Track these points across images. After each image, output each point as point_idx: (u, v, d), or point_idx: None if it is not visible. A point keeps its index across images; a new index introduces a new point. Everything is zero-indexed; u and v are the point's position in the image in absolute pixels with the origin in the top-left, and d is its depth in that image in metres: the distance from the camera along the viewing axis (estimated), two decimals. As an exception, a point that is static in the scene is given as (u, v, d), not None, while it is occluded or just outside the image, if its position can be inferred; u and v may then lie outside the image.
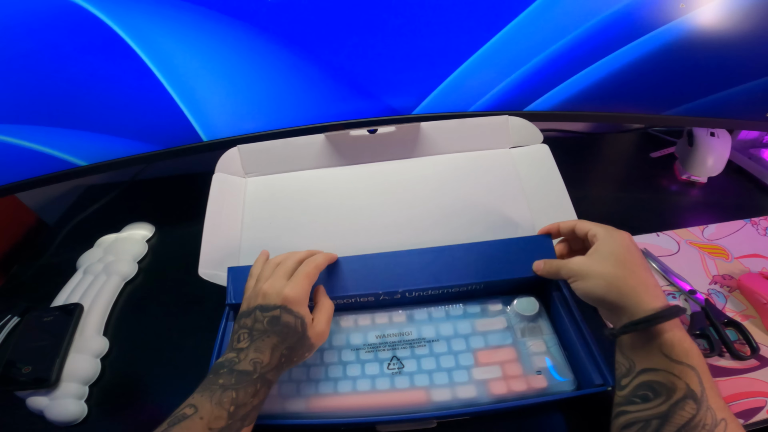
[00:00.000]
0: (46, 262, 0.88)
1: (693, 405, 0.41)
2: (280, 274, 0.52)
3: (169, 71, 0.68)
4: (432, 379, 0.56)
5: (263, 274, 0.54)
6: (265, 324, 0.49)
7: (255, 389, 0.46)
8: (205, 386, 0.46)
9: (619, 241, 0.50)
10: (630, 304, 0.46)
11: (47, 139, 0.72)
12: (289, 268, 0.53)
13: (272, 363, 0.48)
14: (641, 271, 0.48)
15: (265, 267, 0.55)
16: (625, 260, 0.49)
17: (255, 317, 0.50)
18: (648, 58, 0.68)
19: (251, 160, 0.74)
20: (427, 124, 0.72)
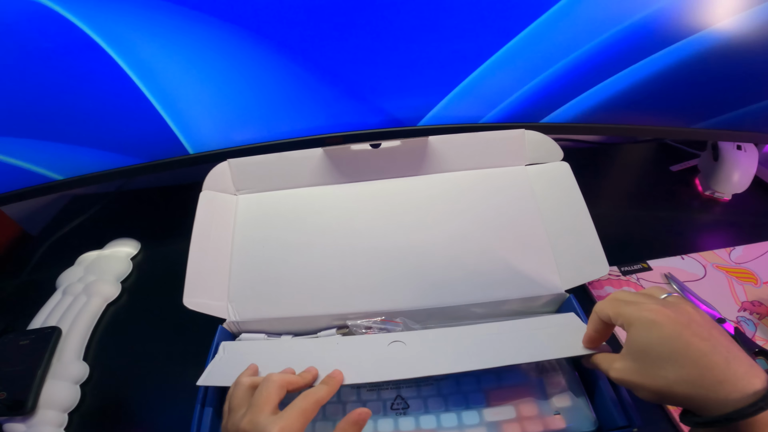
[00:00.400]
0: (25, 279, 0.85)
1: None
2: (260, 405, 0.42)
3: (149, 77, 0.64)
4: (440, 421, 0.52)
5: (235, 401, 0.45)
6: None
7: None
8: None
9: (660, 330, 0.38)
10: (712, 396, 0.35)
11: (19, 152, 0.70)
12: (270, 397, 0.43)
13: None
14: (712, 349, 0.36)
15: (235, 391, 0.46)
16: (676, 350, 0.37)
17: None
18: (674, 69, 0.65)
19: (243, 175, 0.69)
20: (435, 138, 0.68)
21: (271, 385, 0.44)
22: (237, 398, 0.45)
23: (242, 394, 0.45)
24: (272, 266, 0.64)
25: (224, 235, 0.66)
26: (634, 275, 0.71)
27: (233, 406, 0.45)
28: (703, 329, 0.37)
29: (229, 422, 0.44)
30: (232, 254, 0.65)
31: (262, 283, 0.63)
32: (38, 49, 0.59)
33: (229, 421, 0.44)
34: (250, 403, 0.43)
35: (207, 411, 0.52)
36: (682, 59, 0.64)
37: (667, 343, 0.37)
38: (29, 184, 0.74)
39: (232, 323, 0.61)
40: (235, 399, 0.45)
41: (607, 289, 0.69)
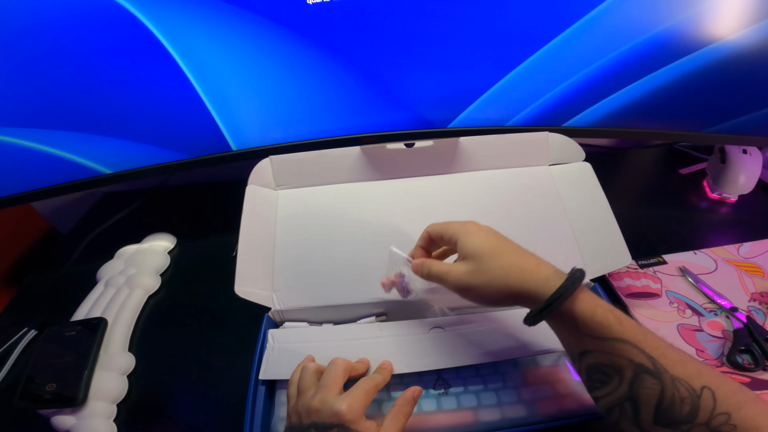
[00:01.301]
0: (63, 274, 0.86)
1: (652, 380, 0.38)
2: (329, 387, 0.46)
3: (203, 73, 0.66)
4: (479, 399, 0.54)
5: (304, 384, 0.48)
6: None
7: None
8: None
9: (476, 234, 0.48)
10: (531, 289, 0.43)
11: (71, 145, 0.71)
12: (337, 379, 0.47)
13: None
14: (517, 254, 0.47)
15: (303, 374, 0.49)
16: (499, 249, 0.47)
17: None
18: (686, 78, 0.68)
19: (283, 171, 0.72)
20: (465, 139, 0.71)
21: (337, 368, 0.48)
22: (305, 381, 0.48)
23: (310, 377, 0.48)
24: (313, 258, 0.66)
25: (267, 228, 0.68)
26: (650, 268, 0.74)
27: (302, 388, 0.48)
28: (504, 237, 0.49)
29: (299, 403, 0.47)
30: (275, 246, 0.67)
31: (303, 274, 0.65)
32: (99, 44, 0.61)
33: (299, 402, 0.47)
34: (318, 384, 0.47)
35: (259, 392, 0.55)
36: (694, 69, 0.67)
37: (490, 242, 0.47)
38: (79, 177, 0.74)
39: (276, 312, 0.63)
40: (303, 382, 0.48)
41: (626, 280, 0.72)
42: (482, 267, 0.46)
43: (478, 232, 0.48)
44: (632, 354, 0.39)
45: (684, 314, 0.67)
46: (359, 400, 0.45)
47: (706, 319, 0.66)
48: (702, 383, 0.37)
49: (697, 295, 0.69)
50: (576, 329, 0.42)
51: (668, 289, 0.70)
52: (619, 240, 0.62)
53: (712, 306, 0.68)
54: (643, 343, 0.39)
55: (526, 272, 0.44)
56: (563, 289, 0.41)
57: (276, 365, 0.56)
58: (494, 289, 0.45)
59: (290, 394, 0.50)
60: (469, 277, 0.46)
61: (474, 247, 0.47)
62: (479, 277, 0.46)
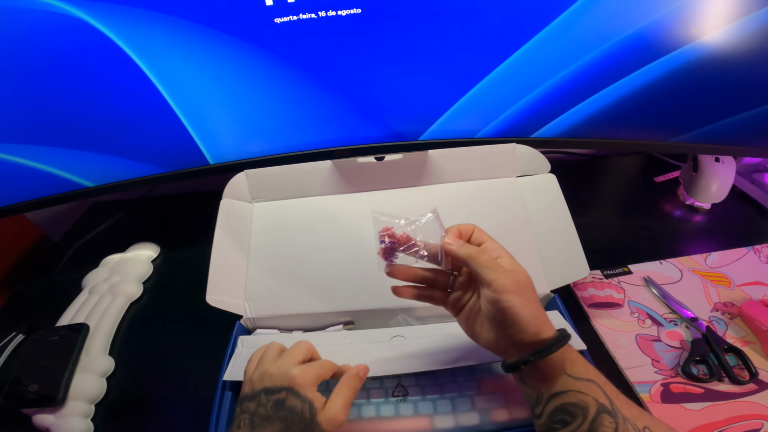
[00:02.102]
0: (51, 281, 0.89)
1: (609, 419, 0.41)
2: (288, 358, 0.48)
3: (177, 91, 0.68)
4: (436, 407, 0.56)
5: (266, 356, 0.49)
6: (269, 409, 0.44)
7: None
8: None
9: (520, 268, 0.47)
10: (533, 331, 0.43)
11: (54, 160, 0.73)
12: (298, 354, 0.48)
13: None
14: (537, 299, 0.46)
15: (268, 350, 0.50)
16: (530, 285, 0.46)
17: (259, 401, 0.45)
18: (657, 84, 0.68)
19: (258, 185, 0.73)
20: (434, 151, 0.72)
21: (300, 345, 0.49)
22: (267, 355, 0.50)
23: (273, 353, 0.50)
24: (285, 268, 0.68)
25: (242, 239, 0.70)
26: (615, 278, 0.74)
27: (263, 359, 0.49)
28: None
29: (255, 372, 0.48)
30: (248, 257, 0.69)
31: (276, 284, 0.67)
32: (74, 63, 0.63)
33: (255, 372, 0.48)
34: (277, 357, 0.49)
35: (226, 396, 0.56)
36: (662, 75, 0.67)
37: (525, 276, 0.46)
38: (63, 190, 0.77)
39: (249, 319, 0.65)
40: (265, 355, 0.50)
41: (590, 290, 0.73)
42: (526, 295, 0.45)
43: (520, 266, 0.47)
44: (598, 394, 0.42)
45: (644, 324, 0.67)
46: (312, 370, 0.46)
47: (666, 329, 0.66)
48: (644, 423, 0.41)
49: (659, 306, 0.70)
50: (559, 371, 0.44)
51: (631, 299, 0.71)
52: (579, 252, 0.63)
53: (672, 316, 0.68)
54: (605, 386, 0.43)
55: (540, 320, 0.44)
56: (562, 336, 0.44)
57: (242, 368, 0.56)
58: (522, 305, 0.44)
59: (248, 369, 0.51)
60: (518, 276, 0.45)
61: (524, 273, 0.46)
62: (521, 299, 0.44)
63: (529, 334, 0.43)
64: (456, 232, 0.50)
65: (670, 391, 0.59)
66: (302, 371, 0.46)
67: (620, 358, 0.63)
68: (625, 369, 0.62)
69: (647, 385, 0.60)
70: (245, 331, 0.66)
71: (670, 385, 0.59)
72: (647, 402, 0.58)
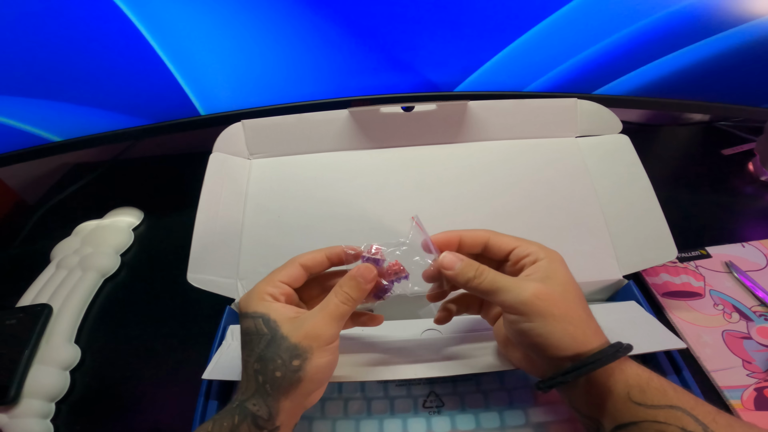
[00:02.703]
0: (17, 252, 0.82)
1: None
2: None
3: (158, 29, 0.60)
4: (479, 421, 0.47)
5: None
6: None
7: (231, 423, 0.37)
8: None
9: (565, 266, 0.41)
10: (570, 349, 0.37)
11: (14, 112, 0.66)
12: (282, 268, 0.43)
13: (249, 386, 0.38)
14: (585, 304, 0.40)
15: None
16: (577, 294, 0.39)
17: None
18: (752, 45, 0.61)
19: (258, 137, 0.65)
20: (475, 103, 0.63)
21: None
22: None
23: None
24: (289, 240, 0.59)
25: (235, 203, 0.61)
26: (692, 262, 0.66)
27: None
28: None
29: None
30: (243, 225, 0.60)
31: (277, 259, 0.55)
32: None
33: None
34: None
35: (211, 405, 0.48)
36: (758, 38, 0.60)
37: (569, 277, 0.40)
38: (24, 145, 0.70)
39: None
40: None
41: (663, 276, 0.64)
42: (565, 295, 0.39)
43: (566, 265, 0.41)
44: (685, 421, 0.35)
45: (730, 318, 0.59)
46: (259, 283, 0.41)
47: (756, 324, 0.59)
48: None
49: (746, 296, 0.61)
50: (622, 397, 0.37)
51: (712, 288, 0.62)
52: (663, 229, 0.55)
53: (762, 309, 0.60)
54: (695, 410, 0.36)
55: (588, 333, 0.38)
56: (603, 354, 0.37)
57: (228, 365, 0.48)
58: (564, 333, 0.38)
59: None
60: (549, 295, 0.38)
61: (563, 278, 0.39)
62: (563, 306, 0.38)
63: (563, 351, 0.37)
64: (454, 241, 0.43)
65: (764, 397, 0.52)
66: (248, 291, 0.41)
67: (705, 359, 0.55)
68: (711, 372, 0.54)
69: (739, 390, 0.53)
70: (237, 318, 0.55)
71: (764, 390, 0.52)
72: (739, 410, 0.51)
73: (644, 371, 0.37)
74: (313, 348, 0.37)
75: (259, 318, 0.38)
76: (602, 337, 0.38)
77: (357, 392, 0.50)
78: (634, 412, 0.36)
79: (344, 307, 0.39)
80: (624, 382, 0.36)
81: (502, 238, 0.42)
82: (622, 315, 0.50)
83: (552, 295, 0.37)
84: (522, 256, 0.41)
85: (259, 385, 0.37)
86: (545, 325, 0.37)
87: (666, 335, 0.46)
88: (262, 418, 0.37)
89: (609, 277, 0.54)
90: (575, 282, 0.40)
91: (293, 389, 0.37)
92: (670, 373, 0.46)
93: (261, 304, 0.39)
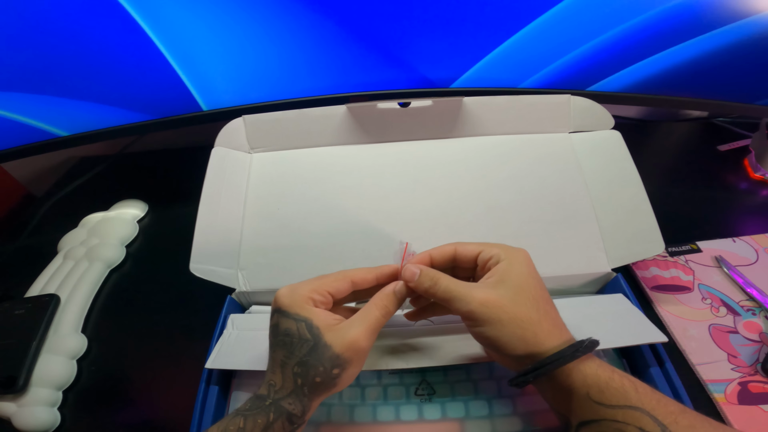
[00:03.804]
0: (25, 243, 0.82)
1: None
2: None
3: (163, 28, 0.61)
4: (468, 409, 0.48)
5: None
6: (270, 336, 0.41)
7: (266, 420, 0.37)
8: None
9: (526, 266, 0.41)
10: (524, 351, 0.38)
11: (22, 108, 0.67)
12: (314, 278, 0.43)
13: (286, 386, 0.38)
14: (550, 305, 0.41)
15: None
16: (537, 294, 0.40)
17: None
18: (748, 42, 0.61)
19: (258, 132, 0.65)
20: (470, 99, 0.63)
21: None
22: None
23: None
24: (288, 232, 0.59)
25: (236, 196, 0.62)
26: (682, 257, 0.66)
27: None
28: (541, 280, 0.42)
29: None
30: (244, 217, 0.61)
31: (276, 250, 0.58)
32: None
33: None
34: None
35: (212, 390, 0.48)
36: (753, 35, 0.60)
37: (530, 278, 0.40)
38: (32, 140, 0.71)
39: (242, 294, 0.57)
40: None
41: (652, 270, 0.64)
42: (518, 297, 0.39)
43: (529, 264, 0.42)
44: (643, 422, 0.35)
45: (718, 312, 0.59)
46: (303, 285, 0.41)
47: (743, 319, 0.59)
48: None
49: (734, 291, 0.61)
50: (583, 396, 0.37)
51: (701, 282, 0.62)
52: (651, 223, 0.55)
53: (750, 304, 0.60)
54: (656, 410, 0.35)
55: (552, 333, 0.40)
56: (561, 355, 0.37)
57: (229, 354, 0.49)
58: (518, 336, 0.39)
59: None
60: (497, 301, 0.39)
61: (518, 280, 0.40)
62: (513, 310, 0.39)
63: (516, 352, 0.39)
64: (425, 262, 0.44)
65: (748, 391, 0.52)
66: (289, 288, 0.41)
67: (691, 352, 0.56)
68: (696, 365, 0.54)
69: (723, 384, 0.53)
70: (238, 308, 0.57)
71: (748, 384, 0.52)
72: (722, 403, 0.51)
73: (605, 371, 0.37)
74: (353, 359, 0.39)
75: (302, 322, 0.39)
76: (561, 336, 0.39)
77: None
78: (595, 410, 0.37)
79: (383, 321, 0.41)
80: (582, 382, 0.37)
81: (467, 246, 0.43)
82: (607, 307, 0.51)
83: (499, 301, 0.38)
84: (485, 260, 0.42)
85: (297, 387, 0.38)
86: (493, 330, 0.38)
87: (649, 328, 0.47)
88: (296, 415, 0.38)
89: (598, 270, 0.54)
90: (534, 281, 0.40)
91: (326, 392, 0.39)
92: (653, 365, 0.47)
93: (305, 308, 0.40)
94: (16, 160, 0.73)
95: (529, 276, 0.40)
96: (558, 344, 0.38)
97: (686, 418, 0.35)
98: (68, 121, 0.69)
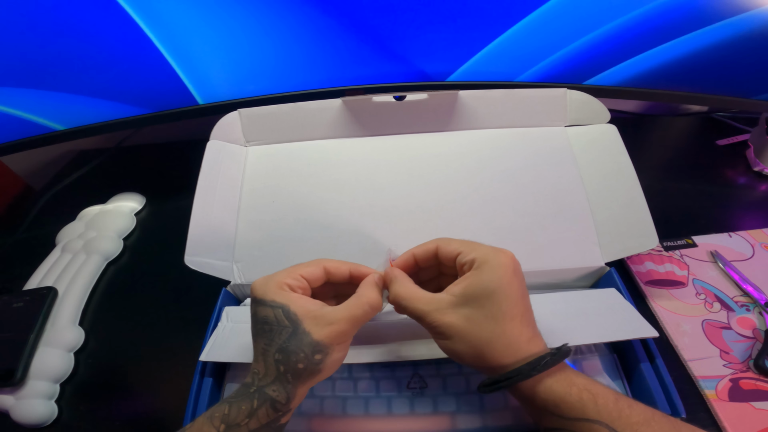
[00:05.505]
0: (23, 236, 0.82)
1: None
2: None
3: (157, 22, 0.60)
4: (459, 403, 0.48)
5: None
6: (251, 326, 0.41)
7: (250, 407, 0.37)
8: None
9: (500, 275, 0.38)
10: (501, 364, 0.38)
11: (19, 102, 0.67)
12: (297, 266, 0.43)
13: (269, 373, 0.38)
14: (519, 316, 0.39)
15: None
16: (506, 306, 0.38)
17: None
18: (747, 36, 0.60)
19: (254, 125, 0.65)
20: (466, 92, 0.63)
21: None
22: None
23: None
24: (283, 224, 0.60)
25: (231, 189, 0.62)
26: (677, 251, 0.65)
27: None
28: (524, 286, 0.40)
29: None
30: (239, 210, 0.61)
31: (271, 243, 0.58)
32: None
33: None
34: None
35: (206, 382, 0.49)
36: (750, 30, 0.59)
37: (506, 286, 0.38)
38: (29, 134, 0.71)
39: (237, 286, 0.57)
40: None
41: (647, 265, 0.63)
42: (487, 312, 0.38)
43: (506, 271, 0.39)
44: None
45: (711, 308, 0.59)
46: (278, 273, 0.42)
47: (737, 314, 0.58)
48: None
49: (729, 286, 0.61)
50: (542, 409, 0.38)
51: (696, 278, 0.62)
52: (645, 217, 0.54)
53: (744, 300, 0.60)
54: (617, 422, 0.35)
55: (519, 344, 0.39)
56: (517, 372, 0.37)
57: (223, 346, 0.49)
58: (478, 352, 0.38)
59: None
60: (459, 318, 0.39)
61: (487, 288, 0.38)
62: (475, 328, 0.38)
63: (476, 365, 0.40)
64: (410, 262, 0.45)
65: (739, 388, 0.52)
66: (264, 277, 0.41)
67: (683, 348, 0.55)
68: (688, 361, 0.54)
69: (714, 381, 0.52)
70: (233, 300, 0.57)
71: (739, 381, 0.52)
72: (713, 400, 0.51)
73: (562, 385, 0.37)
74: (334, 344, 0.39)
75: (278, 308, 0.39)
76: (527, 349, 0.38)
77: (344, 372, 0.50)
78: (555, 421, 0.37)
79: (368, 309, 0.40)
80: (542, 394, 0.37)
81: (449, 245, 0.42)
82: (599, 302, 0.50)
83: (454, 324, 0.38)
84: (461, 264, 0.41)
85: (279, 373, 0.38)
86: (452, 345, 0.39)
87: (641, 323, 0.46)
88: (280, 402, 0.38)
89: (591, 264, 0.54)
90: (507, 291, 0.38)
91: (312, 378, 0.39)
92: (644, 360, 0.46)
93: (280, 293, 0.39)
94: (16, 154, 0.73)
95: (501, 287, 0.38)
96: (518, 359, 0.37)
97: (649, 429, 0.35)
98: (65, 116, 0.70)
